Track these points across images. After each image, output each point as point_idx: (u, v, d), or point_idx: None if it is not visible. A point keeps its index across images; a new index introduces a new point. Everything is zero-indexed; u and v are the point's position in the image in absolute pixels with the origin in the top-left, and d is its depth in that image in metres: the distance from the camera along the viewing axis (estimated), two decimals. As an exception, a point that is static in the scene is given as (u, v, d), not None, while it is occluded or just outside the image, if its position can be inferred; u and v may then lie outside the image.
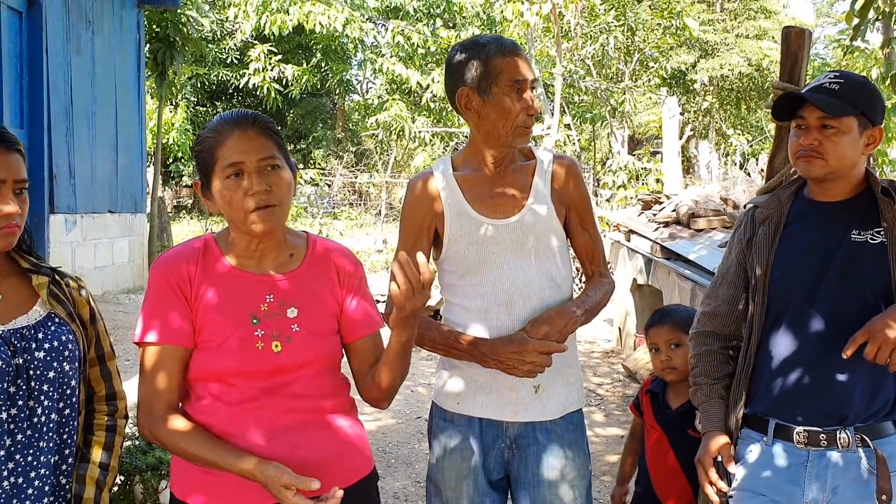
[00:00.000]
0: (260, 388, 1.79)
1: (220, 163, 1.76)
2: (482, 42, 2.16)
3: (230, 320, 1.79)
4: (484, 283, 2.20)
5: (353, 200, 21.65)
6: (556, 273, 2.23)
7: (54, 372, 1.75)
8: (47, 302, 1.80)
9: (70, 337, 1.80)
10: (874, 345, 1.90)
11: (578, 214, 2.28)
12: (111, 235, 9.37)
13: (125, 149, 9.67)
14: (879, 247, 2.02)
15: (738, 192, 6.73)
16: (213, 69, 20.56)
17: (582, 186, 2.30)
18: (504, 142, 2.17)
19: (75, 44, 8.43)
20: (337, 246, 1.98)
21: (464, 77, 2.15)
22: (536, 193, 2.22)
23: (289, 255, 1.89)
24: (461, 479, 2.22)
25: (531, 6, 11.54)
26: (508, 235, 2.19)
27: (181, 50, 11.08)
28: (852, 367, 1.99)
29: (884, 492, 1.97)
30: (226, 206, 1.78)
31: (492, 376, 2.19)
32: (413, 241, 2.26)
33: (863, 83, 2.08)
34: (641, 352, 6.67)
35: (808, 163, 2.05)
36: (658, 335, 2.70)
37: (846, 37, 9.00)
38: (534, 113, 2.14)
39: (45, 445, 1.75)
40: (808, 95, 2.04)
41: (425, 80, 16.32)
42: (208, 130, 1.81)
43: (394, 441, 5.19)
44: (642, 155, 14.71)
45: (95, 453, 1.87)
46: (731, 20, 21.74)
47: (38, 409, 1.73)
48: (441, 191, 2.24)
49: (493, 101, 2.12)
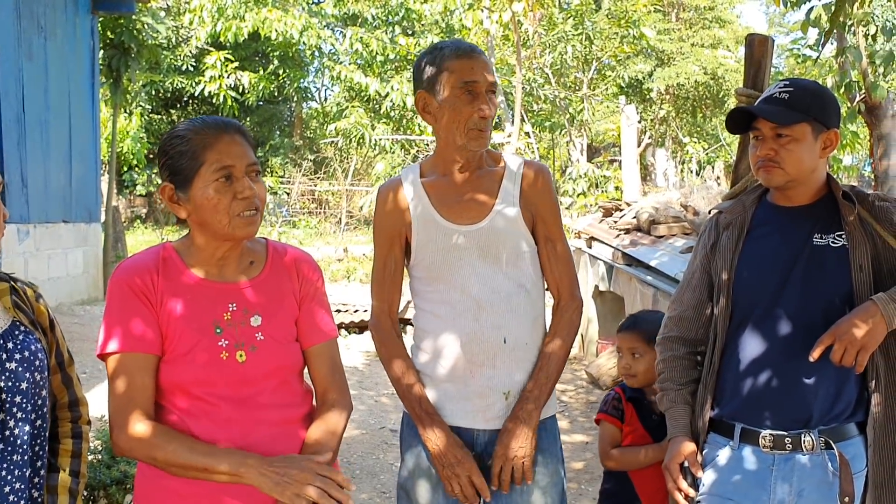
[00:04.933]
0: (228, 399, 1.76)
1: (210, 165, 1.74)
2: (440, 46, 2.18)
3: (193, 330, 1.76)
4: (451, 290, 2.19)
5: (313, 209, 21.50)
6: (525, 279, 2.22)
7: (27, 383, 1.70)
8: (10, 310, 1.75)
9: (38, 346, 1.75)
10: (840, 347, 1.93)
11: (545, 222, 2.24)
12: (65, 246, 9.18)
13: (79, 157, 9.49)
14: (841, 250, 2.05)
15: (697, 199, 6.82)
16: (168, 76, 20.29)
17: (551, 193, 2.27)
18: (460, 145, 2.16)
19: (27, 49, 8.26)
20: (297, 251, 1.97)
21: (421, 80, 2.17)
22: (504, 199, 2.21)
23: (249, 263, 1.87)
24: (432, 487, 2.20)
25: (491, 14, 11.61)
26: (475, 241, 2.18)
27: (136, 57, 10.93)
28: (816, 370, 2.01)
29: (846, 493, 2.00)
30: (210, 209, 1.75)
31: (462, 384, 2.18)
32: (387, 250, 2.26)
33: (813, 89, 2.10)
34: (604, 358, 6.72)
35: (767, 172, 2.08)
36: (623, 341, 2.74)
37: (799, 46, 9.20)
38: (486, 115, 2.12)
39: (19, 458, 1.68)
40: (758, 108, 2.08)
41: (384, 88, 16.30)
42: (190, 132, 1.78)
43: (358, 452, 5.14)
44: (601, 163, 14.86)
45: (64, 461, 1.82)
46: (686, 29, 22.12)
47: (10, 421, 1.67)
48: (409, 198, 2.23)
49: (446, 104, 2.13)
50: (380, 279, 2.29)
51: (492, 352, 2.17)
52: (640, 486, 2.63)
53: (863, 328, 1.93)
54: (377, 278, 2.29)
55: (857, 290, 2.02)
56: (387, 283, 2.28)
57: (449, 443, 2.12)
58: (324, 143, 21.76)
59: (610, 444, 2.68)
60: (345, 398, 1.93)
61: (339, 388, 1.92)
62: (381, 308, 2.28)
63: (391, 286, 2.28)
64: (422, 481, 2.22)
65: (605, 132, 19.40)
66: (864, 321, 1.93)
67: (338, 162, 22.09)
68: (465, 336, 2.17)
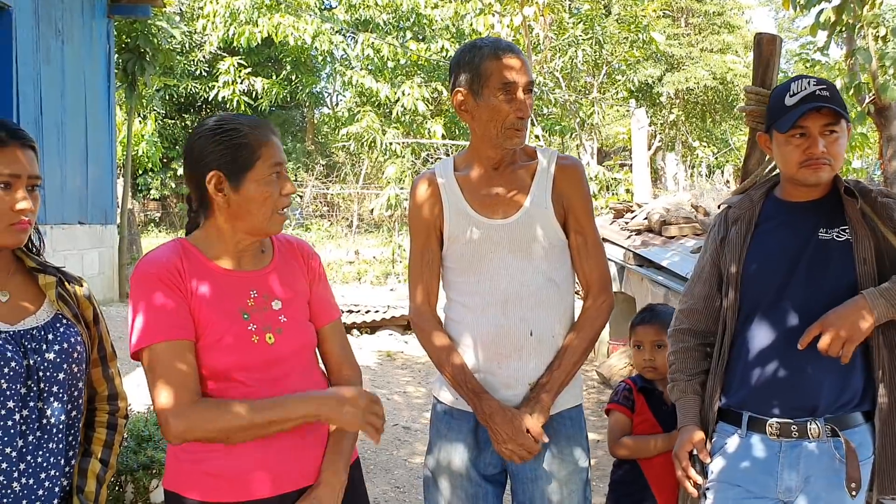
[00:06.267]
0: (262, 381, 1.82)
1: (266, 160, 1.83)
2: (479, 45, 2.20)
3: (223, 317, 1.82)
4: (480, 282, 2.23)
5: (325, 212, 21.59)
6: (555, 273, 2.25)
7: (64, 374, 1.75)
8: (55, 302, 1.79)
9: (78, 339, 1.80)
10: (827, 337, 1.97)
11: (576, 217, 2.26)
12: (81, 247, 9.26)
13: (95, 159, 9.57)
14: (845, 244, 2.08)
15: (708, 201, 6.86)
16: (181, 81, 20.42)
17: (583, 188, 2.29)
18: (496, 143, 2.20)
19: (45, 53, 8.35)
20: (295, 238, 2.08)
21: (459, 79, 2.20)
22: (535, 193, 2.24)
23: (261, 252, 1.96)
24: (456, 471, 2.25)
25: (501, 19, 11.66)
26: (505, 235, 2.22)
27: (151, 61, 11.00)
28: (821, 360, 2.04)
29: (853, 480, 2.03)
30: (259, 201, 1.83)
31: (489, 375, 2.23)
32: (423, 241, 2.31)
33: (834, 86, 2.15)
34: (615, 358, 6.75)
35: (819, 169, 2.09)
36: (644, 334, 2.77)
37: (808, 51, 9.21)
38: (523, 115, 2.16)
39: (54, 447, 1.74)
40: (822, 105, 2.07)
41: (395, 93, 16.35)
42: (246, 127, 1.85)
43: (371, 448, 5.19)
44: (611, 166, 14.86)
45: (97, 449, 1.86)
46: (695, 34, 22.09)
47: (47, 410, 1.72)
48: (441, 190, 2.28)
49: (484, 103, 2.16)
50: (417, 269, 2.32)
51: (518, 344, 2.21)
52: (650, 475, 2.66)
53: (849, 321, 1.97)
54: (414, 269, 2.33)
55: (862, 282, 2.05)
56: (425, 273, 2.31)
57: (502, 417, 2.16)
58: (335, 148, 21.84)
59: (620, 433, 2.71)
60: (357, 373, 2.05)
61: (351, 363, 2.05)
62: (420, 297, 2.32)
63: (429, 275, 2.32)
64: (446, 465, 2.27)
65: (615, 136, 19.40)
66: (851, 314, 1.98)
67: (349, 166, 22.18)
68: (492, 328, 2.21)
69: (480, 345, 2.23)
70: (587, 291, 2.30)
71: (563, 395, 2.25)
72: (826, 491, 2.06)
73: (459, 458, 2.25)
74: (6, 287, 1.76)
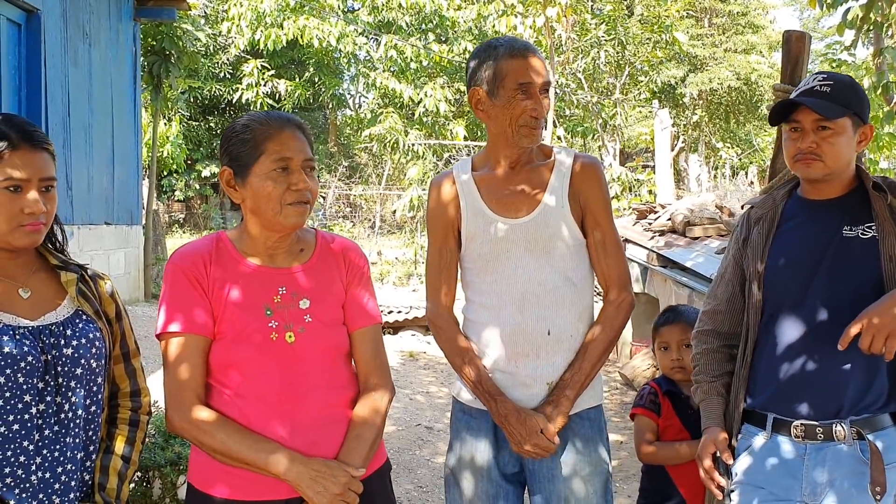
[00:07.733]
0: (278, 380, 1.84)
1: (270, 154, 1.84)
2: (495, 44, 2.21)
3: (245, 312, 1.84)
4: (498, 281, 2.24)
5: (347, 213, 21.67)
6: (573, 272, 2.25)
7: (82, 369, 1.78)
8: (76, 299, 1.83)
9: (97, 334, 1.83)
10: (868, 335, 1.93)
11: (594, 215, 2.25)
12: (107, 247, 9.36)
13: (121, 161, 9.67)
14: (870, 241, 2.06)
15: (733, 202, 6.81)
16: (205, 84, 20.58)
17: (600, 186, 2.28)
18: (512, 142, 2.21)
19: (73, 56, 8.46)
20: (345, 240, 2.05)
21: (476, 78, 2.21)
22: (552, 192, 2.24)
23: (300, 251, 1.96)
24: (476, 471, 2.26)
25: (524, 20, 11.66)
26: (523, 234, 2.22)
27: (176, 63, 11.11)
28: (846, 360, 2.02)
29: (878, 483, 1.99)
30: (264, 196, 1.84)
31: (507, 374, 2.23)
32: (441, 241, 2.32)
33: (850, 83, 2.13)
34: (638, 360, 6.72)
35: (807, 165, 2.09)
36: (670, 334, 2.74)
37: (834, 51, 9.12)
38: (539, 115, 2.17)
39: (71, 441, 1.76)
40: (805, 100, 2.07)
41: (417, 95, 16.39)
42: (254, 123, 1.88)
43: (394, 447, 5.22)
44: (634, 167, 14.81)
45: (119, 446, 1.88)
46: (719, 35, 21.96)
47: (65, 405, 1.75)
48: (459, 190, 2.29)
49: (500, 102, 2.17)
50: (435, 269, 2.33)
51: (536, 343, 2.21)
52: (679, 481, 2.63)
53: (890, 315, 1.91)
54: (432, 269, 2.34)
55: (888, 280, 2.02)
56: (443, 273, 2.32)
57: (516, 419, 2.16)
58: (358, 149, 21.91)
59: (646, 438, 2.68)
60: (387, 381, 1.99)
61: (382, 371, 1.99)
62: (437, 297, 2.33)
63: (447, 275, 2.32)
64: (466, 464, 2.28)
65: (637, 137, 19.33)
66: (891, 308, 1.92)
67: (371, 167, 22.25)
68: (509, 327, 2.22)
69: (498, 344, 2.23)
70: (606, 290, 2.29)
71: (583, 396, 2.24)
72: (850, 495, 2.03)
73: (480, 456, 2.26)
74: (28, 284, 1.79)
